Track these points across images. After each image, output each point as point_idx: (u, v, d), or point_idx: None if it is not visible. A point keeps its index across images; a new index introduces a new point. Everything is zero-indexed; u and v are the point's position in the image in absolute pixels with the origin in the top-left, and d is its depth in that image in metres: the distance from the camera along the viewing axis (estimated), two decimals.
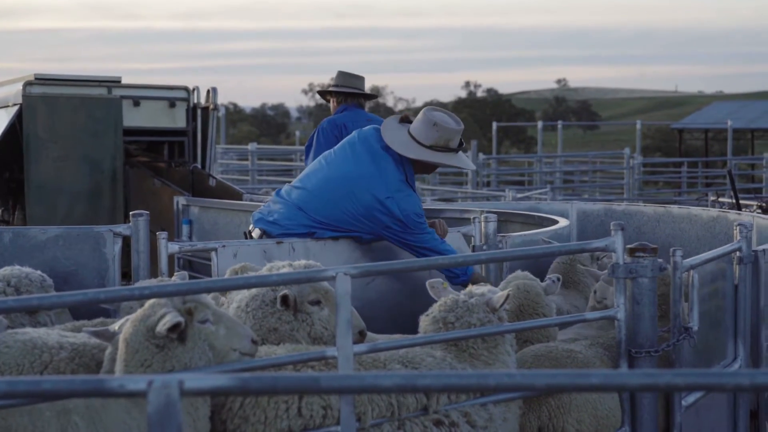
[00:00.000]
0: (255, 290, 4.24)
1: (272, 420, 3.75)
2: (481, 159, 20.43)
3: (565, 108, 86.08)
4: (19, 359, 3.76)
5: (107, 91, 9.53)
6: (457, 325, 4.26)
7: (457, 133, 5.54)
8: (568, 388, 2.29)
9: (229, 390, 2.29)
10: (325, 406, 3.82)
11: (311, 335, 4.23)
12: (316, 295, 4.25)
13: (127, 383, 2.20)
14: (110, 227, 5.23)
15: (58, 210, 9.17)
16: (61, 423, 3.30)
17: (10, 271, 4.59)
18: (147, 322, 3.51)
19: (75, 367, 3.83)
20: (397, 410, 3.96)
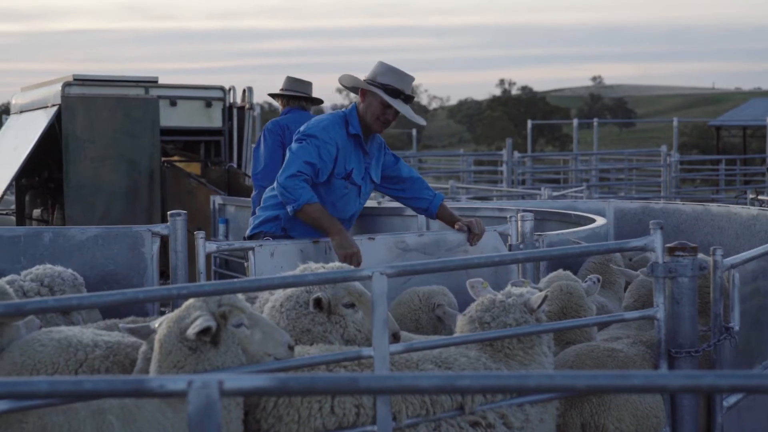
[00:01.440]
0: (290, 291, 4.25)
1: (306, 419, 3.76)
2: (516, 157, 20.35)
3: (601, 105, 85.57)
4: (55, 357, 3.79)
5: (144, 91, 9.59)
6: (493, 325, 4.24)
7: (388, 70, 5.60)
8: (608, 389, 2.27)
9: (269, 390, 2.29)
10: (358, 404, 3.83)
11: (344, 338, 4.22)
12: (351, 297, 4.24)
13: (167, 383, 2.21)
14: (148, 227, 5.26)
15: (96, 210, 9.25)
16: (96, 422, 3.32)
17: (43, 270, 4.62)
18: (181, 324, 3.52)
19: (109, 365, 3.85)
20: (431, 409, 3.95)
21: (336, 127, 5.55)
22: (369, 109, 5.60)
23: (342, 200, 5.59)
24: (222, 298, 3.57)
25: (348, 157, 5.58)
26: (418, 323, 5.19)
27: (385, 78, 5.57)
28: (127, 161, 9.36)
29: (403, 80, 5.59)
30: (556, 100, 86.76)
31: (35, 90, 10.23)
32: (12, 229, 5.29)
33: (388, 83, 5.55)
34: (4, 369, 3.74)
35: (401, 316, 5.23)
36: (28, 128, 9.78)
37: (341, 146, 5.53)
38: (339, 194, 5.57)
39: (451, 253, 5.68)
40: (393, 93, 5.55)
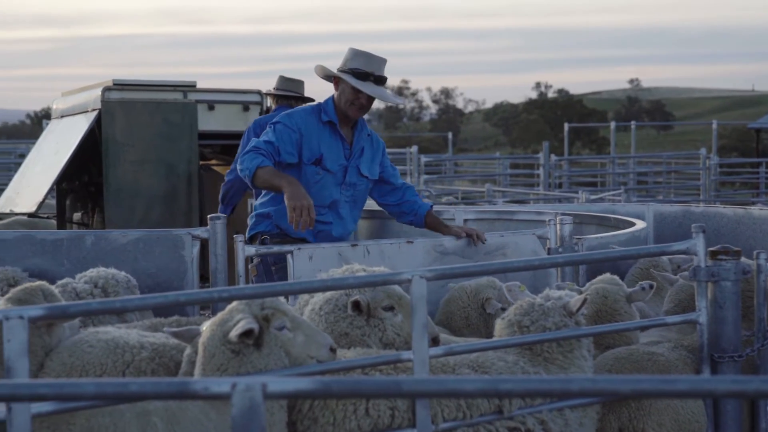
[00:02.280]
0: (329, 294, 4.26)
1: (341, 421, 3.78)
2: (553, 160, 20.26)
3: (638, 108, 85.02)
4: (103, 359, 3.83)
5: (183, 95, 9.65)
6: (532, 329, 4.23)
7: (358, 54, 5.60)
8: (653, 394, 2.26)
9: (312, 393, 2.30)
10: (393, 407, 3.84)
11: (383, 341, 4.23)
12: (390, 300, 4.24)
13: (211, 386, 2.23)
14: (189, 230, 5.29)
15: (135, 213, 9.32)
16: (141, 424, 3.36)
17: (97, 273, 4.68)
18: (224, 327, 3.54)
19: (155, 367, 3.89)
20: (467, 412, 3.95)
21: (303, 114, 5.60)
22: (342, 96, 5.60)
23: (316, 186, 5.51)
24: (265, 301, 3.59)
25: (319, 142, 5.55)
26: (468, 320, 5.20)
27: (352, 63, 5.58)
28: (165, 165, 9.42)
29: (371, 62, 5.58)
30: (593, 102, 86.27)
31: (76, 95, 10.33)
32: (55, 233, 5.36)
33: (356, 67, 5.55)
34: (55, 370, 3.79)
35: (451, 314, 5.25)
36: (68, 133, 9.88)
37: (306, 132, 5.52)
38: (312, 180, 5.51)
39: (489, 257, 5.67)
40: (362, 76, 5.54)
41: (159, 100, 9.49)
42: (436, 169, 26.11)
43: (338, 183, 5.61)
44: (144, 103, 9.38)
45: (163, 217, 9.35)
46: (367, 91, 5.53)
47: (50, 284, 4.10)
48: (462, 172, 30.07)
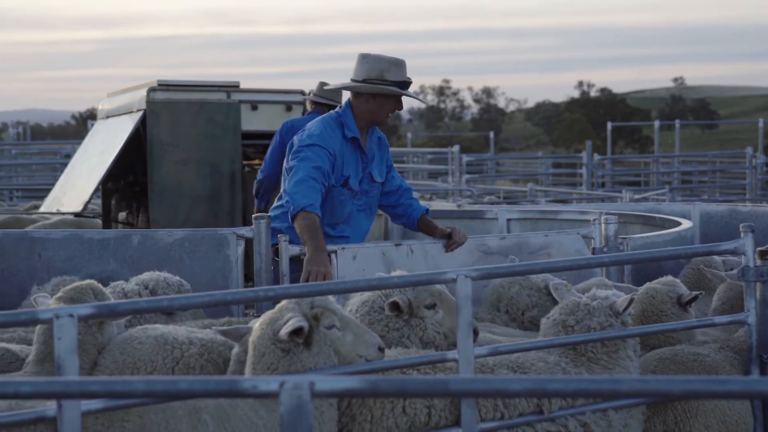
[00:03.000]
0: (366, 295, 4.27)
1: (378, 418, 3.80)
2: (596, 159, 20.12)
3: (682, 107, 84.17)
4: (152, 355, 3.87)
5: (226, 95, 9.71)
6: (576, 329, 4.20)
7: (388, 63, 5.36)
8: (703, 395, 2.23)
9: (359, 392, 2.30)
10: (429, 405, 3.85)
11: (423, 340, 4.22)
12: (432, 298, 4.24)
13: (260, 384, 2.24)
14: (233, 230, 5.32)
15: (179, 213, 9.39)
16: (192, 421, 3.39)
17: (149, 276, 4.71)
18: (274, 326, 3.57)
19: (204, 363, 3.92)
20: (505, 411, 3.93)
21: (332, 133, 5.33)
22: (382, 108, 5.37)
23: (339, 205, 5.40)
24: (314, 300, 3.61)
25: (346, 162, 5.37)
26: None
27: (393, 74, 5.35)
28: (209, 165, 9.49)
29: (403, 69, 5.41)
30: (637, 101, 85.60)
31: (121, 95, 10.43)
32: (102, 232, 5.41)
33: (400, 78, 5.37)
34: (108, 367, 3.84)
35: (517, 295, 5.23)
36: (114, 133, 9.98)
37: (337, 153, 5.32)
38: (337, 200, 5.37)
39: (533, 257, 5.64)
40: (405, 86, 5.38)
41: (203, 100, 9.56)
42: (477, 168, 26.03)
43: (353, 196, 5.46)
44: (188, 104, 9.46)
45: (206, 217, 9.41)
46: (418, 100, 5.47)
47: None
48: (504, 172, 29.94)
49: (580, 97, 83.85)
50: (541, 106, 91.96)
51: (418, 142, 45.49)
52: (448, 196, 16.98)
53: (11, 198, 20.58)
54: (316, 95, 8.08)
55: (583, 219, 6.91)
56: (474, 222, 7.62)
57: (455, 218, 7.60)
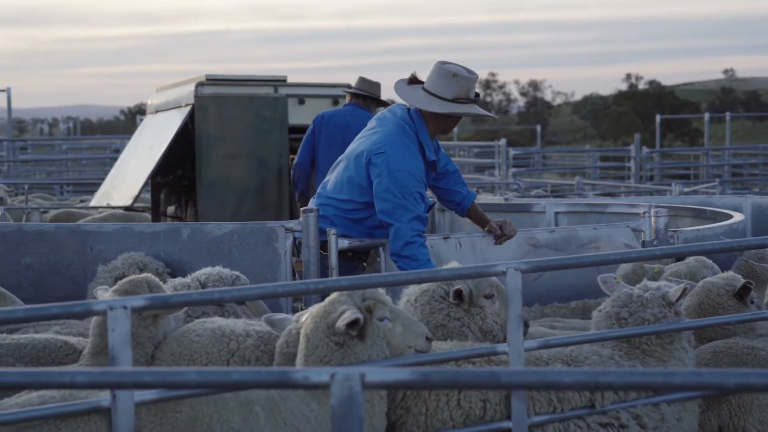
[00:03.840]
0: (425, 285, 4.27)
1: (433, 411, 3.80)
2: (645, 152, 19.93)
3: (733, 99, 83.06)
4: (209, 347, 3.90)
5: (273, 90, 9.75)
6: (630, 321, 4.16)
7: (474, 82, 5.30)
8: (758, 389, 2.20)
9: (410, 383, 2.31)
10: (484, 399, 3.84)
11: (482, 329, 4.24)
12: (491, 289, 4.26)
13: (311, 375, 2.25)
14: (282, 223, 5.34)
15: (227, 206, 9.45)
16: (244, 413, 3.41)
17: (203, 270, 4.73)
18: (328, 319, 3.58)
19: (260, 354, 3.94)
20: (558, 405, 3.92)
21: (416, 162, 5.19)
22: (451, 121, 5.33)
23: None
24: (365, 292, 3.62)
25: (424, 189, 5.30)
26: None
27: (473, 90, 5.29)
28: (256, 159, 9.54)
29: (473, 83, 5.31)
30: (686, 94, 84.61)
31: (169, 90, 10.52)
32: (153, 225, 5.47)
33: (477, 92, 5.35)
34: (165, 360, 3.87)
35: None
36: (163, 127, 10.06)
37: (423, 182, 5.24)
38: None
39: (582, 250, 5.61)
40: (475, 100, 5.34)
41: (251, 94, 9.61)
42: (524, 162, 25.92)
43: None
44: (236, 98, 9.51)
45: (254, 211, 9.47)
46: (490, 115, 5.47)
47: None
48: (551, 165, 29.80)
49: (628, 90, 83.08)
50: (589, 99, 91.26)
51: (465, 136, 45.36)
52: (494, 190, 16.92)
53: (62, 192, 20.87)
54: (355, 88, 8.29)
55: (633, 212, 6.84)
56: (521, 215, 7.58)
57: (502, 211, 7.57)
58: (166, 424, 3.29)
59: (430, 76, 5.30)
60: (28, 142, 28.63)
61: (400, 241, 5.06)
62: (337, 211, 5.33)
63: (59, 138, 31.02)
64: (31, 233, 5.21)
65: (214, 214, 9.24)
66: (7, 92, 23.65)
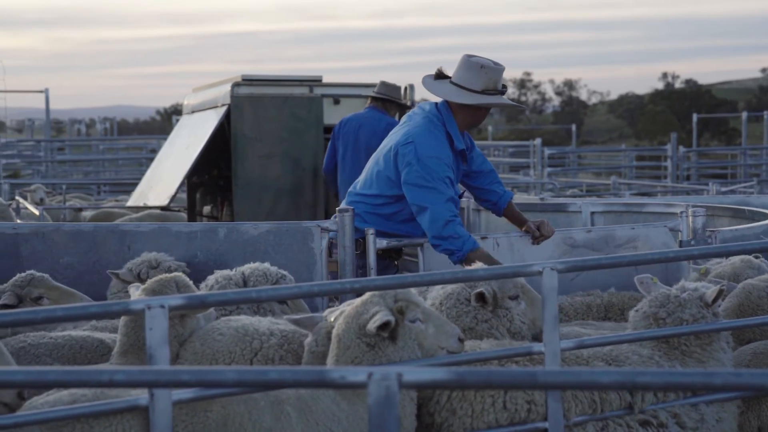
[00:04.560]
0: (450, 288, 4.26)
1: (479, 413, 3.79)
2: (681, 152, 19.78)
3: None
4: (232, 347, 3.91)
5: (309, 90, 9.78)
6: (668, 321, 4.14)
7: (501, 73, 5.32)
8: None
9: (447, 383, 2.30)
10: (530, 400, 3.82)
11: (510, 330, 4.22)
12: (516, 289, 4.24)
13: (348, 375, 2.25)
14: (317, 222, 5.35)
15: (262, 206, 9.49)
16: (275, 412, 3.42)
17: (249, 265, 4.75)
18: (359, 320, 3.58)
19: (283, 354, 3.94)
20: (600, 407, 3.90)
21: (445, 151, 5.22)
22: (485, 115, 5.38)
23: None
24: (397, 293, 3.62)
25: (455, 176, 5.31)
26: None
27: (500, 82, 5.32)
28: (292, 159, 9.57)
29: (500, 74, 5.33)
30: (723, 92, 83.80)
31: (206, 90, 10.58)
32: (189, 225, 5.49)
33: (505, 84, 5.35)
34: (187, 359, 3.89)
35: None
36: (199, 128, 10.13)
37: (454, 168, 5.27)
38: None
39: (619, 250, 5.58)
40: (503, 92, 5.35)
41: (286, 94, 9.64)
42: (559, 161, 25.81)
43: None
44: (271, 98, 9.55)
45: (289, 210, 9.50)
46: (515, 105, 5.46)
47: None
48: (586, 165, 29.64)
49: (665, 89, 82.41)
50: (624, 99, 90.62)
51: (499, 135, 45.23)
52: (529, 189, 16.86)
53: (99, 192, 21.05)
54: (375, 91, 8.48)
55: (670, 212, 6.79)
56: (557, 215, 7.55)
57: (538, 211, 7.54)
58: (198, 423, 3.31)
59: (457, 70, 5.34)
60: (65, 143, 28.91)
61: (439, 222, 5.07)
62: (368, 207, 5.38)
63: (96, 138, 31.30)
64: (70, 233, 5.26)
65: (250, 214, 9.29)
66: (45, 93, 23.92)
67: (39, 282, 4.77)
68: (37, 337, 4.23)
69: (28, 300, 4.71)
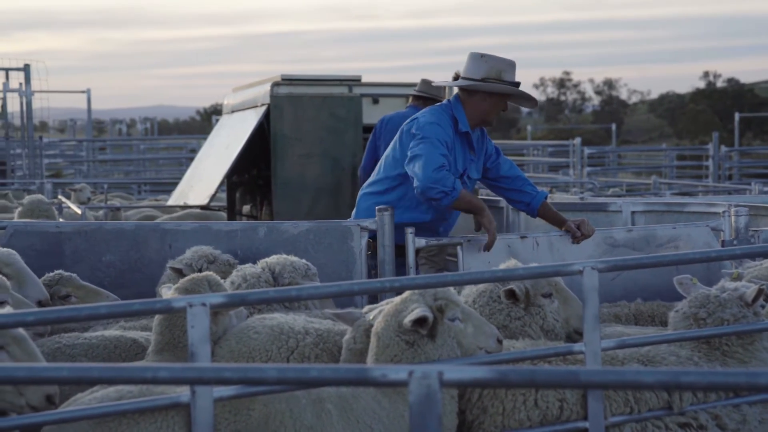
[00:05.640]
0: (482, 286, 4.26)
1: (510, 411, 3.79)
2: (723, 151, 19.58)
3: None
4: (268, 345, 3.93)
5: (348, 89, 9.79)
6: (709, 322, 4.11)
7: (506, 64, 5.38)
8: None
9: (488, 382, 2.29)
10: (561, 398, 3.81)
11: (543, 328, 4.22)
12: (549, 287, 4.24)
13: (389, 373, 2.25)
14: (357, 221, 5.37)
15: (301, 205, 9.52)
16: (316, 410, 3.43)
17: (276, 259, 4.79)
18: (398, 318, 3.59)
19: (319, 353, 3.96)
20: (635, 407, 3.87)
21: (447, 126, 5.38)
22: (495, 108, 5.43)
23: None
24: (437, 292, 3.62)
25: (457, 156, 5.41)
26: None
27: (509, 75, 5.39)
28: (331, 158, 9.59)
29: (513, 69, 5.43)
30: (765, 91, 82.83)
31: (245, 90, 10.63)
32: (229, 224, 5.52)
33: (514, 80, 5.39)
34: (223, 357, 3.91)
35: None
36: (238, 127, 10.17)
37: (450, 145, 5.36)
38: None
39: (660, 250, 5.54)
40: (517, 87, 5.40)
41: (325, 94, 9.66)
42: (599, 161, 25.65)
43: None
44: (311, 98, 9.57)
45: (328, 210, 9.52)
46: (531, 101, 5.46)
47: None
48: (626, 164, 29.43)
49: (706, 88, 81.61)
50: (665, 98, 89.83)
51: (538, 135, 45.05)
52: (569, 189, 16.77)
53: (139, 192, 21.22)
54: (418, 90, 8.43)
55: (712, 211, 6.72)
56: (597, 214, 7.49)
57: (578, 210, 7.48)
58: (240, 422, 3.33)
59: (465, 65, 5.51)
60: (107, 143, 29.20)
61: (430, 166, 5.20)
62: (372, 199, 5.56)
63: (137, 138, 31.56)
64: (112, 231, 5.31)
65: (289, 213, 9.32)
66: (87, 94, 24.17)
67: (67, 281, 4.86)
68: (72, 338, 4.28)
69: (56, 298, 4.78)
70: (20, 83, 19.03)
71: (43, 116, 22.24)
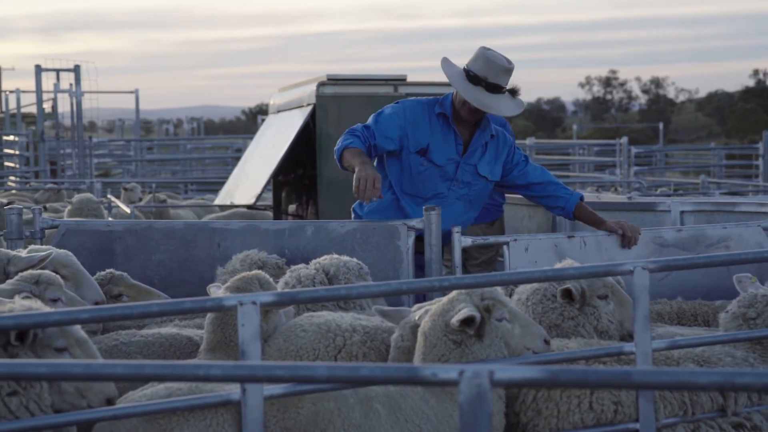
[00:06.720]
0: (536, 284, 4.24)
1: (564, 413, 3.76)
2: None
3: None
4: (315, 343, 3.94)
5: (393, 89, 9.78)
6: (758, 321, 4.06)
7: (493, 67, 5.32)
8: None
9: (539, 382, 2.28)
10: (617, 401, 3.78)
11: (597, 329, 4.19)
12: (606, 289, 4.21)
13: (439, 372, 2.25)
14: (404, 221, 5.37)
15: (346, 205, 9.51)
16: (364, 409, 3.44)
17: (329, 260, 4.81)
18: (445, 317, 3.59)
19: (366, 351, 3.97)
20: (690, 409, 3.83)
21: (416, 104, 5.53)
22: (457, 96, 5.44)
23: (419, 177, 5.46)
24: (485, 292, 3.61)
25: (426, 132, 5.43)
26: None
27: (472, 64, 5.39)
28: None
29: (488, 67, 5.32)
30: None
31: (291, 90, 10.67)
32: (277, 223, 5.55)
33: (470, 69, 5.35)
34: (271, 355, 3.93)
35: None
36: (284, 127, 10.21)
37: (413, 120, 5.43)
38: (415, 170, 5.46)
39: (711, 250, 5.48)
40: (473, 80, 5.33)
41: (371, 93, 9.66)
42: (646, 160, 25.43)
43: (447, 178, 5.47)
44: (356, 97, 9.58)
45: None
46: (466, 96, 5.31)
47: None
48: (673, 164, 29.12)
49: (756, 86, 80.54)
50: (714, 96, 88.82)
51: (584, 134, 44.74)
52: (615, 189, 16.64)
53: (186, 191, 21.40)
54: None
55: (763, 211, 6.64)
56: (645, 214, 7.43)
57: (626, 210, 7.43)
58: (289, 419, 3.35)
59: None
60: (154, 142, 29.48)
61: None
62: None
63: (183, 138, 31.84)
64: (162, 230, 5.36)
65: (334, 213, 9.33)
66: (135, 94, 24.43)
67: (118, 280, 4.91)
68: (129, 335, 4.32)
69: (109, 297, 4.83)
70: (71, 84, 19.27)
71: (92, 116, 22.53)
